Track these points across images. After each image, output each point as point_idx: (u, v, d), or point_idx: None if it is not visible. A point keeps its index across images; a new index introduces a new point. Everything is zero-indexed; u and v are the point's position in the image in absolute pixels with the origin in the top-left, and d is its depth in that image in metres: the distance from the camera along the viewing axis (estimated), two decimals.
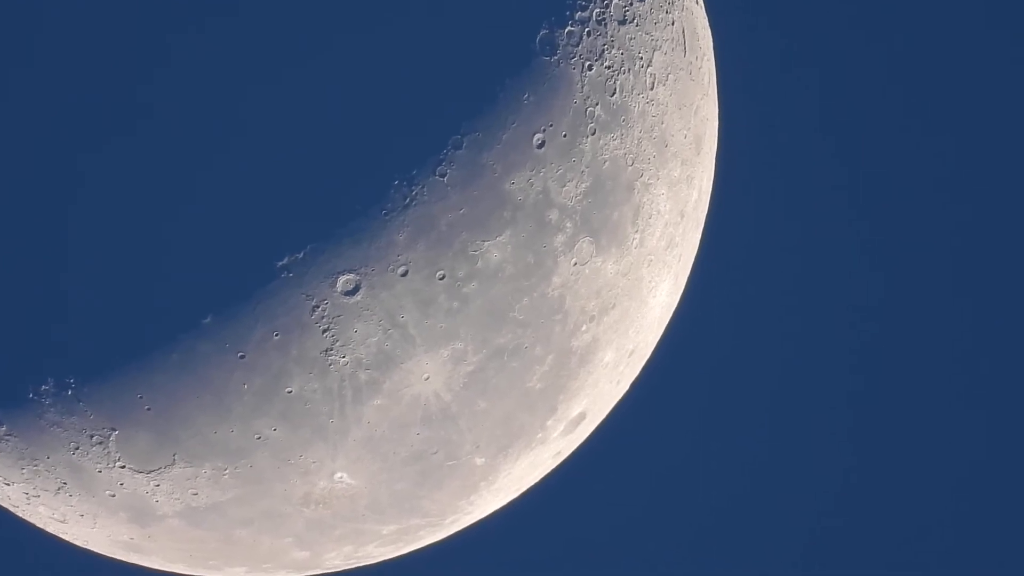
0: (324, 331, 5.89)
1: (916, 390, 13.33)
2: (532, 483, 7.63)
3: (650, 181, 6.54)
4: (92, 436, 6.17)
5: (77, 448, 6.23)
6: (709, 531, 13.37)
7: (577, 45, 6.13)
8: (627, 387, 7.59)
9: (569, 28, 6.11)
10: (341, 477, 6.40)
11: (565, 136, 6.08)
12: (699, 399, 13.20)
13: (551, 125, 6.04)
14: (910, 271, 13.29)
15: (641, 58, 6.42)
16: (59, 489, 6.51)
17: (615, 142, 6.27)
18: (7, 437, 6.31)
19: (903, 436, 13.35)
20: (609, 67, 6.25)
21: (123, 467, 6.26)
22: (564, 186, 6.11)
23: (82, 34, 5.57)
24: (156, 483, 6.32)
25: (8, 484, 6.69)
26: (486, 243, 5.97)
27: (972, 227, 13.22)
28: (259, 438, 6.12)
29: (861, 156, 13.25)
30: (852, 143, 13.23)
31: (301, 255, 5.74)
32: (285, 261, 5.74)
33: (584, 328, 6.53)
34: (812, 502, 13.37)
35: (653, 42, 6.52)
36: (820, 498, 13.37)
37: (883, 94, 13.18)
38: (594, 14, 6.21)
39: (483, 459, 6.71)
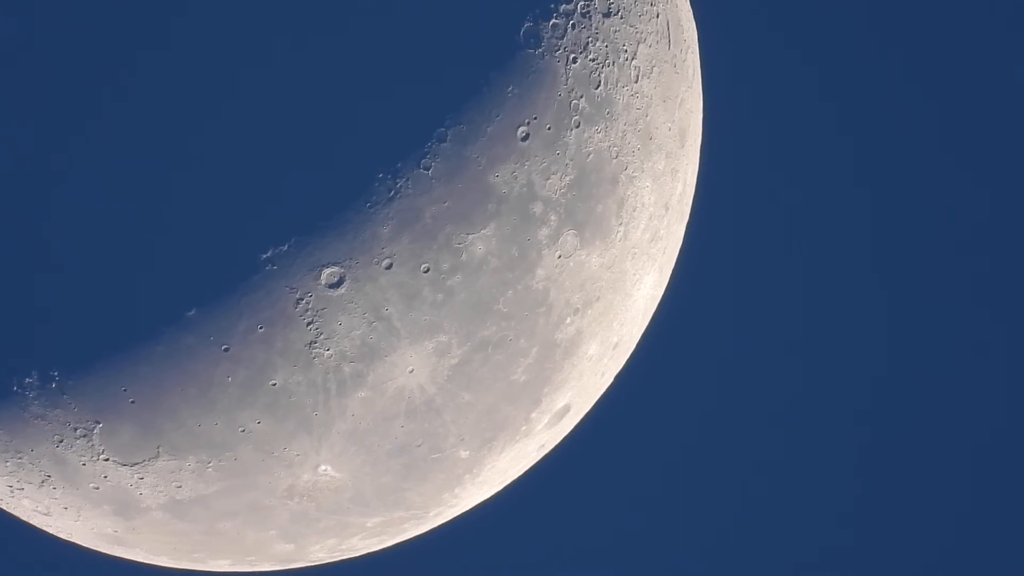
0: (308, 324, 5.89)
1: (906, 382, 13.39)
2: (516, 476, 7.64)
3: (635, 174, 6.55)
4: (76, 429, 6.16)
5: (61, 441, 6.23)
6: (693, 523, 13.41)
7: (562, 38, 6.14)
8: (611, 379, 7.61)
9: (554, 21, 6.12)
10: (325, 470, 6.40)
11: (549, 129, 6.08)
12: (683, 392, 13.23)
13: (535, 118, 6.04)
14: (897, 263, 13.33)
15: (626, 51, 6.43)
16: (43, 482, 6.51)
17: (599, 135, 6.28)
18: None
19: (893, 428, 13.40)
20: (594, 60, 6.25)
21: (107, 460, 6.25)
22: (548, 179, 6.11)
23: (65, 24, 5.55)
24: (140, 476, 6.31)
25: None
26: (470, 236, 5.97)
27: (957, 216, 13.27)
28: (243, 431, 6.12)
29: (847, 148, 13.28)
30: (837, 135, 13.26)
31: (285, 248, 5.74)
32: (269, 254, 5.74)
33: (568, 321, 6.54)
34: (798, 494, 13.41)
35: (637, 35, 6.52)
36: (806, 489, 13.41)
37: (868, 85, 13.21)
38: (578, 7, 6.22)
39: (467, 452, 6.72)
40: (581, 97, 6.18)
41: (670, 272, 7.58)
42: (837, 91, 13.20)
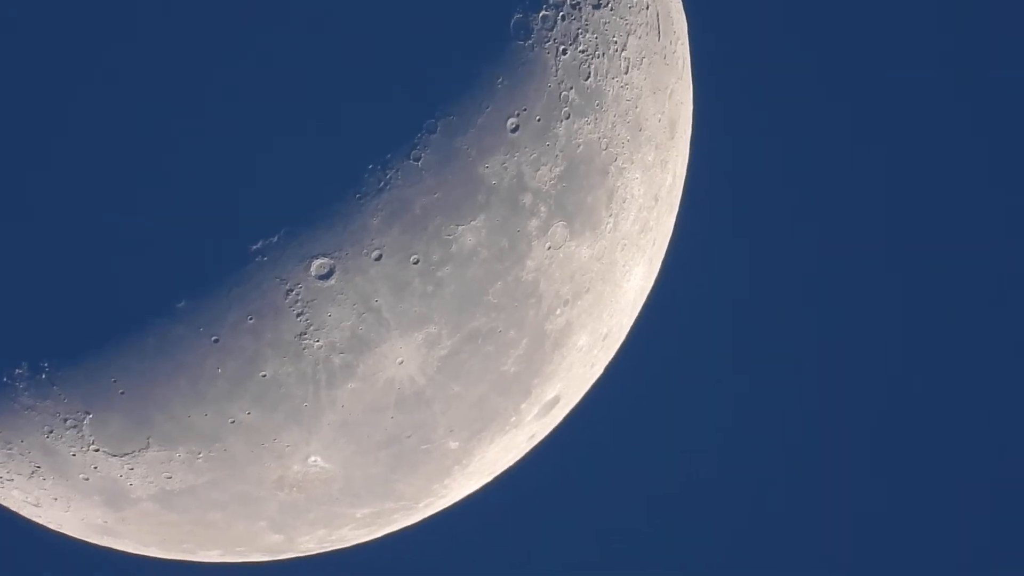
0: (298, 315, 5.89)
1: (894, 369, 13.42)
2: (506, 467, 7.65)
3: (624, 165, 6.55)
4: (66, 420, 6.16)
5: (51, 432, 6.22)
6: (681, 514, 13.43)
7: (551, 29, 6.14)
8: (601, 371, 7.62)
9: (543, 12, 6.12)
10: (315, 461, 6.40)
11: (539, 120, 6.09)
12: (673, 383, 13.25)
13: (525, 109, 6.04)
14: (888, 253, 13.36)
15: (615, 42, 6.43)
16: (33, 473, 6.50)
17: (589, 126, 6.28)
18: None
19: (886, 418, 13.44)
20: (583, 51, 6.25)
21: (97, 450, 6.25)
22: (538, 170, 6.11)
23: (48, 10, 5.54)
24: (130, 466, 6.31)
25: None
26: (460, 227, 5.97)
27: (948, 203, 13.29)
28: (233, 422, 6.12)
29: (836, 140, 13.30)
30: (826, 127, 13.28)
31: (275, 239, 5.74)
32: (259, 245, 5.74)
33: (558, 312, 6.55)
34: (789, 486, 13.45)
35: (627, 26, 6.53)
36: (799, 482, 13.45)
37: (859, 78, 13.22)
38: None
39: (457, 443, 6.73)
40: (571, 88, 6.19)
41: (659, 263, 7.59)
42: (827, 83, 13.22)
